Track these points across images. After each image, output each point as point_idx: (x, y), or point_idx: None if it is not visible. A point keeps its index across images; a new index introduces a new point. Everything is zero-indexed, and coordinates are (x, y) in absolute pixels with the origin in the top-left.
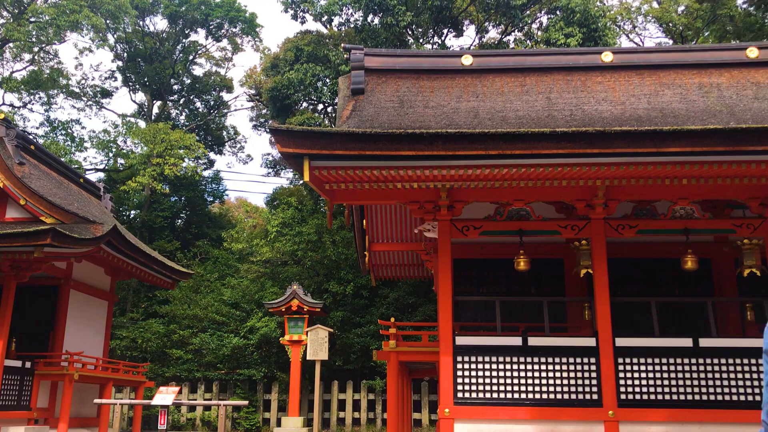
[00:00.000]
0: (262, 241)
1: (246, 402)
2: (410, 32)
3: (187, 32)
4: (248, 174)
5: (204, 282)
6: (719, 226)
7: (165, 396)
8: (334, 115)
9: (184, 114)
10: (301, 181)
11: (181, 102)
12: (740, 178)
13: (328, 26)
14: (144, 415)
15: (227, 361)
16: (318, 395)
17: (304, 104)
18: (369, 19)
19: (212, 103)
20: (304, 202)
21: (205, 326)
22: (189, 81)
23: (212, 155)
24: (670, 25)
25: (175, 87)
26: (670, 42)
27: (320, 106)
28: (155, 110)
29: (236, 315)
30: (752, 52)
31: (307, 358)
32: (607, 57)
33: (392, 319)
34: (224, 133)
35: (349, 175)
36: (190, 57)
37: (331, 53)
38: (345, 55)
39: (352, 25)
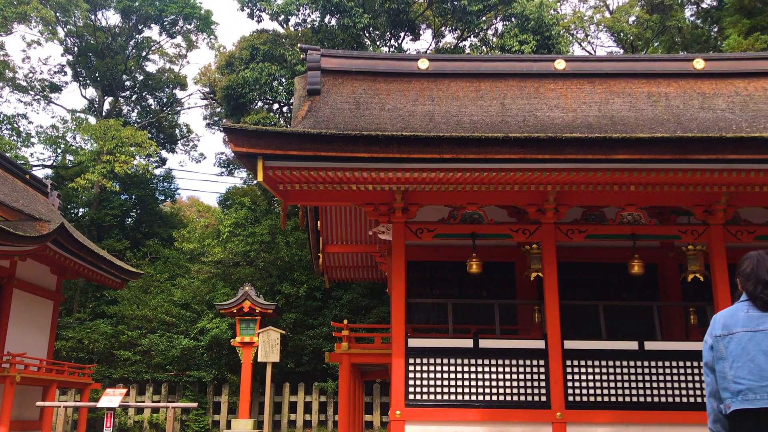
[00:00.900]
0: (214, 241)
1: (195, 404)
2: (367, 34)
3: (140, 28)
4: (201, 173)
5: (154, 282)
6: (665, 232)
7: (111, 398)
8: (289, 115)
9: (136, 111)
10: (255, 182)
11: (133, 98)
12: (686, 186)
13: (284, 26)
14: (89, 417)
15: (177, 363)
16: (269, 397)
17: (259, 104)
18: (326, 20)
19: (165, 100)
20: (258, 202)
21: (154, 327)
22: (142, 77)
23: (164, 153)
24: (621, 34)
25: (128, 83)
26: (621, 51)
27: (276, 106)
28: (106, 106)
29: (186, 316)
30: (699, 64)
31: (259, 360)
32: (560, 65)
33: (345, 321)
34: (177, 131)
35: (303, 175)
36: (144, 53)
37: (287, 53)
38: (301, 56)
39: (309, 26)
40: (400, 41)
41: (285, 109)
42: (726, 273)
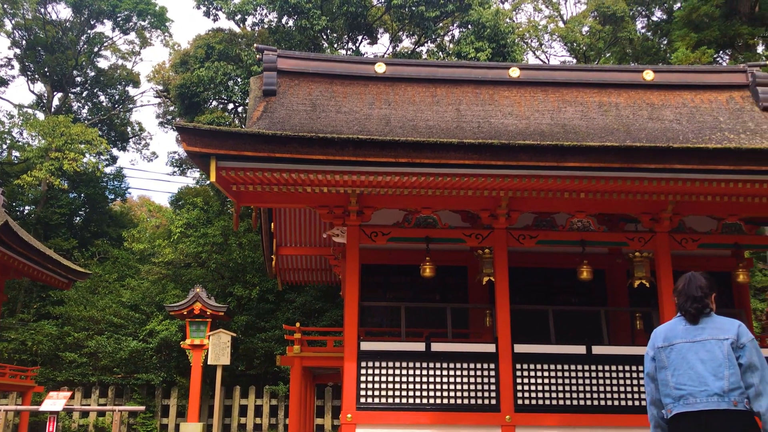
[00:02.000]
0: (165, 241)
1: (143, 407)
2: (325, 37)
3: (92, 23)
4: (153, 172)
5: (102, 283)
6: (613, 239)
7: (55, 401)
8: (244, 115)
9: (86, 107)
10: (208, 182)
11: (83, 95)
12: (634, 194)
13: (241, 25)
14: (31, 421)
15: (124, 365)
16: (219, 401)
17: (214, 103)
18: (283, 20)
19: (117, 97)
20: (211, 202)
21: (102, 329)
22: (93, 73)
23: (115, 151)
24: (574, 44)
25: (78, 79)
26: (574, 61)
27: (230, 106)
28: (56, 102)
29: (135, 317)
30: (648, 75)
31: (209, 362)
32: (515, 72)
33: (297, 324)
34: (129, 129)
35: (257, 177)
36: (95, 49)
37: (243, 53)
38: (257, 56)
39: (266, 26)
40: (357, 44)
41: (240, 109)
42: (671, 279)
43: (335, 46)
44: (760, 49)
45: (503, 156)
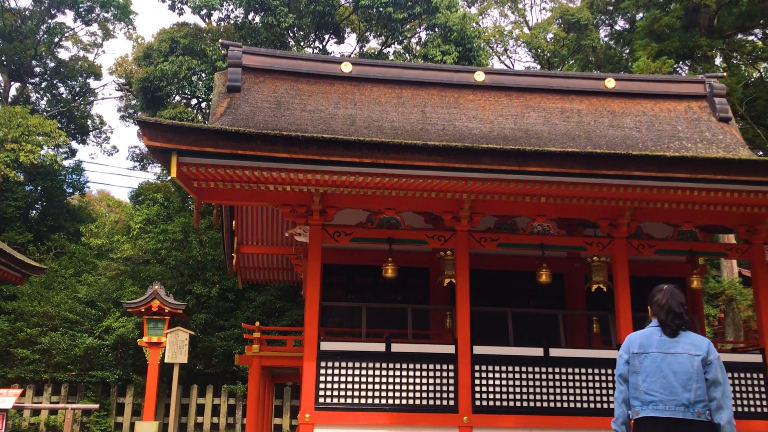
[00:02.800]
0: (124, 237)
1: (97, 405)
2: (291, 34)
3: (53, 12)
4: (113, 166)
5: (58, 278)
6: (572, 243)
7: (4, 399)
8: (208, 111)
9: (45, 99)
10: (169, 177)
11: (42, 86)
12: (593, 200)
13: (206, 20)
14: None
15: (79, 362)
16: (175, 399)
17: (177, 98)
18: (250, 17)
19: (78, 89)
20: (171, 199)
21: (56, 325)
22: (53, 64)
23: (74, 144)
24: (539, 50)
25: (37, 69)
26: (538, 67)
27: (194, 101)
28: (13, 92)
29: (91, 314)
30: (610, 83)
31: (166, 360)
32: (480, 77)
33: (257, 323)
34: (89, 121)
35: (219, 173)
36: (56, 39)
37: (208, 48)
38: (222, 51)
39: (232, 22)
40: (324, 43)
41: (204, 105)
42: (627, 284)
43: (302, 44)
44: (718, 60)
45: (467, 159)
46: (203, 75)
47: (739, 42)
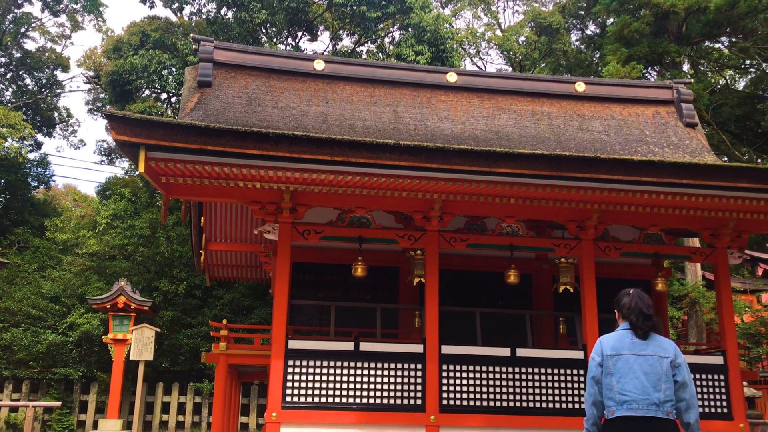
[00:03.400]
0: (90, 232)
1: (59, 403)
2: (264, 31)
3: (19, 2)
4: (80, 160)
5: (21, 273)
6: (540, 245)
7: None
8: (178, 106)
9: (10, 90)
10: (137, 172)
11: (8, 77)
12: (561, 202)
13: (178, 14)
14: None
15: (41, 359)
16: (140, 397)
17: (147, 92)
18: (222, 12)
19: (44, 81)
20: (139, 194)
21: (18, 320)
22: (19, 55)
23: (40, 137)
24: (511, 53)
25: (2, 59)
26: (510, 69)
27: (164, 96)
28: None
29: (55, 310)
30: (580, 86)
31: (131, 358)
32: (452, 77)
33: (224, 321)
34: (56, 114)
35: (188, 169)
36: (22, 29)
37: (179, 42)
38: (194, 46)
39: (204, 16)
40: (297, 40)
41: (174, 99)
42: (594, 286)
43: (274, 40)
44: (685, 67)
45: (438, 159)
46: (174, 69)
47: (706, 49)
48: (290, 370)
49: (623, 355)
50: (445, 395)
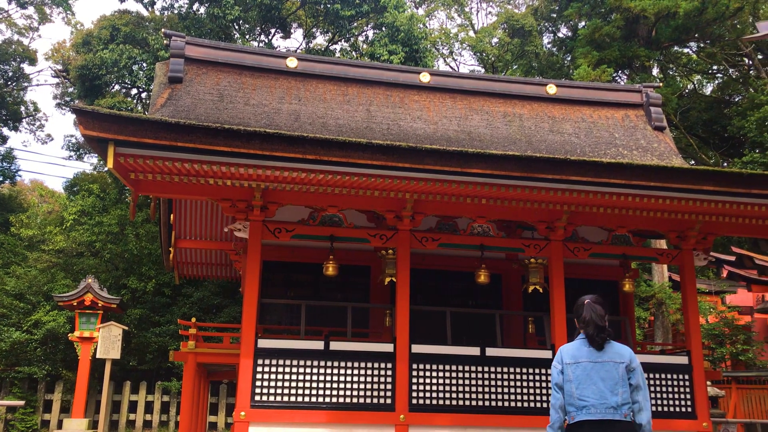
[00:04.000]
0: (57, 228)
1: (22, 402)
2: (237, 27)
3: None
4: (47, 155)
5: None
6: (511, 245)
7: None
8: (148, 101)
9: None
10: (106, 168)
11: None
12: (532, 203)
13: (149, 9)
14: None
15: (5, 357)
16: (107, 396)
17: (117, 87)
18: (194, 7)
19: (11, 74)
20: (108, 190)
21: None
22: None
23: (6, 131)
24: (484, 54)
25: None
26: (482, 70)
27: (134, 91)
28: None
29: (20, 307)
30: (551, 89)
31: (98, 356)
32: (425, 78)
33: (193, 319)
34: (22, 108)
35: (158, 165)
36: None
37: (150, 37)
38: (165, 41)
39: (175, 12)
40: (270, 37)
41: (144, 95)
42: (562, 286)
43: (247, 37)
44: (655, 71)
45: (410, 159)
46: (144, 65)
47: (675, 54)
48: (260, 369)
49: (581, 363)
50: (414, 394)
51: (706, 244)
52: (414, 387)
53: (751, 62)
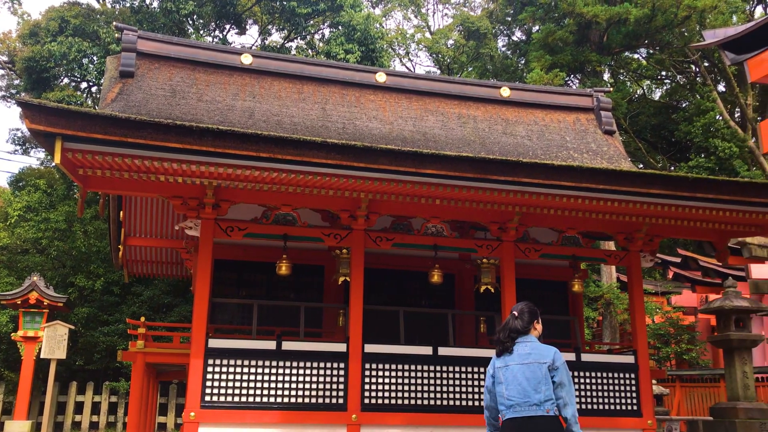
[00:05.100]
0: (1, 225)
1: None
2: (191, 22)
3: None
4: None
5: None
6: (464, 245)
7: None
8: (99, 96)
9: None
10: (53, 164)
11: None
12: (485, 204)
13: (101, 1)
14: None
15: None
16: (51, 397)
17: (66, 80)
18: (147, 1)
19: None
20: (55, 186)
21: None
22: None
23: None
24: (440, 56)
25: None
26: (438, 72)
27: (84, 85)
28: None
29: None
30: (505, 91)
31: (42, 356)
32: (381, 77)
33: (142, 319)
34: None
35: (107, 161)
36: None
37: (101, 30)
38: (117, 35)
39: (128, 5)
40: (225, 33)
41: (95, 89)
42: (513, 286)
43: (201, 32)
44: (606, 76)
45: (365, 158)
46: (95, 58)
47: (625, 59)
48: (210, 369)
49: (510, 366)
50: (367, 394)
51: (653, 246)
52: (366, 387)
53: (697, 69)
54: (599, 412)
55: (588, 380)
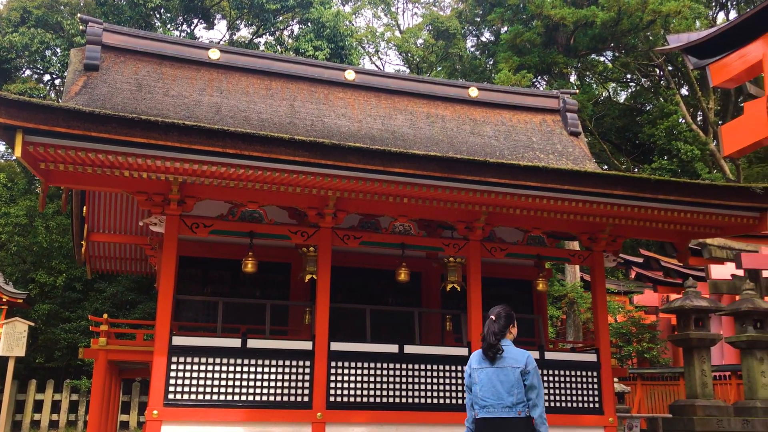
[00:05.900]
0: None
1: None
2: (158, 15)
3: None
4: None
5: None
6: (431, 244)
7: None
8: (62, 89)
9: None
10: (14, 157)
11: None
12: (452, 203)
13: None
14: None
15: None
16: (9, 395)
17: (28, 72)
18: None
19: None
20: (16, 180)
21: None
22: None
23: None
24: (409, 55)
25: None
26: (407, 71)
27: (47, 78)
28: None
29: None
30: (473, 92)
31: (0, 354)
32: (350, 75)
33: (105, 315)
34: None
35: (70, 156)
36: None
37: (65, 22)
38: (81, 27)
39: None
40: (192, 27)
41: (58, 82)
42: (479, 285)
43: (168, 26)
44: (572, 78)
45: (333, 156)
46: (58, 50)
47: (592, 62)
48: (174, 366)
49: (485, 369)
50: (332, 392)
51: (616, 247)
52: (332, 384)
53: (662, 73)
54: (562, 409)
55: (551, 378)
